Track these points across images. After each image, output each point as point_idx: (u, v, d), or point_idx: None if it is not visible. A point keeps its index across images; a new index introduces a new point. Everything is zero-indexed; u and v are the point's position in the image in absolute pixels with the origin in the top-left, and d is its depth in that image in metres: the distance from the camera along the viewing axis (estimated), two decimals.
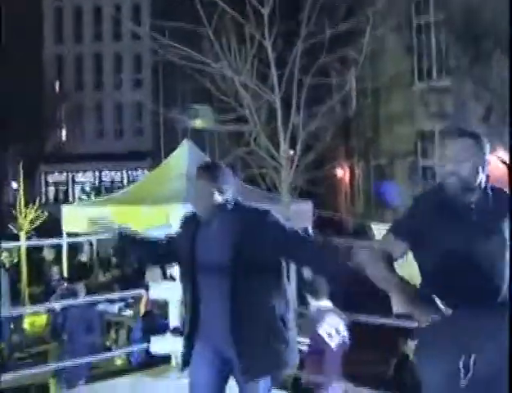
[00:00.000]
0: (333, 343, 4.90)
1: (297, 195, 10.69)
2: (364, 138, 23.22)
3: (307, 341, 5.79)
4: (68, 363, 7.17)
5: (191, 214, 3.59)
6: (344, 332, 5.04)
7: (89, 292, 13.45)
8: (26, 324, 11.93)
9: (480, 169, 2.87)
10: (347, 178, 28.43)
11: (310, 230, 3.13)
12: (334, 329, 4.90)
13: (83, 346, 7.72)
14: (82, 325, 7.92)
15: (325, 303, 5.13)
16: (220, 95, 11.01)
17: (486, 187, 2.92)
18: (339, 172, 28.89)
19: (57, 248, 16.42)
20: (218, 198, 3.39)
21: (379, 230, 7.49)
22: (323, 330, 4.82)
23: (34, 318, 11.86)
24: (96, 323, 8.42)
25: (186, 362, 3.48)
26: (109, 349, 10.38)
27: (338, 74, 12.78)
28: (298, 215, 10.58)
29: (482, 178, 2.89)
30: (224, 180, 3.43)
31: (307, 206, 12.74)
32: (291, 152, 10.52)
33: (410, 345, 7.50)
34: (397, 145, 18.81)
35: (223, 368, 3.39)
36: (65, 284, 9.02)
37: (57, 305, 8.38)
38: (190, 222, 3.54)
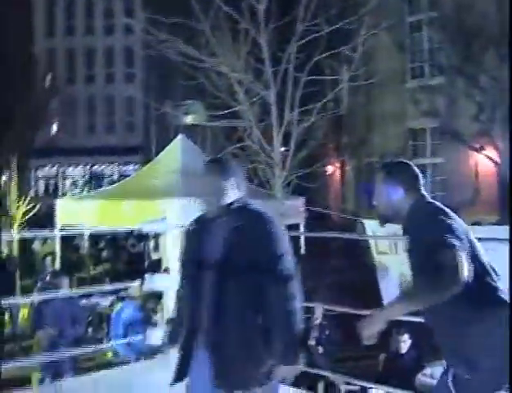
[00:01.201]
0: None
1: (290, 191, 10.77)
2: (356, 136, 23.31)
3: None
4: (49, 356, 7.22)
5: (195, 221, 3.49)
6: None
7: (80, 285, 13.57)
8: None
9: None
10: (338, 175, 28.54)
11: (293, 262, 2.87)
12: None
13: (67, 339, 7.72)
14: (65, 318, 7.90)
15: None
16: (214, 90, 11.07)
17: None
18: (331, 169, 29.01)
19: (50, 241, 16.48)
20: (231, 193, 3.31)
21: (370, 226, 7.56)
22: None
23: (24, 311, 11.90)
24: (81, 317, 8.36)
25: (181, 377, 3.32)
26: (100, 341, 10.42)
27: (332, 72, 12.86)
28: (290, 211, 10.67)
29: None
30: (235, 174, 3.37)
31: (299, 202, 12.86)
32: (283, 149, 10.59)
33: (400, 340, 7.62)
34: (388, 143, 18.90)
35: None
36: (47, 277, 8.97)
37: (36, 298, 8.40)
38: (195, 227, 3.44)
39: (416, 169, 3.13)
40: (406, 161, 3.18)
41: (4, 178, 34.35)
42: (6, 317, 11.54)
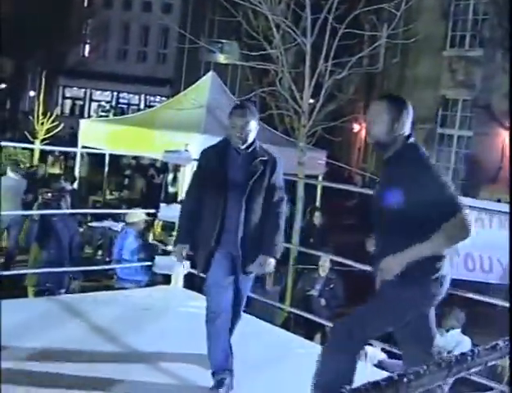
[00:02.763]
0: None
1: (313, 142, 10.72)
2: None
3: None
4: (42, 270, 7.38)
5: (217, 146, 4.29)
6: None
7: (94, 208, 13.71)
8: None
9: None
10: (362, 134, 28.35)
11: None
12: None
13: (61, 257, 7.81)
14: (61, 237, 7.99)
15: None
16: (250, 31, 10.94)
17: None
18: (356, 127, 28.82)
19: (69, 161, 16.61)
20: (254, 133, 4.17)
21: None
22: None
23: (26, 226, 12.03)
24: (76, 238, 8.42)
25: (207, 268, 4.19)
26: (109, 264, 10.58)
27: (371, 28, 12.64)
28: (310, 162, 10.66)
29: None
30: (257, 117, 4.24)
31: (320, 155, 12.83)
32: (311, 100, 10.50)
33: None
34: (418, 108, 18.61)
35: (231, 267, 4.18)
36: (49, 194, 9.00)
37: (35, 213, 8.49)
38: (219, 152, 4.24)
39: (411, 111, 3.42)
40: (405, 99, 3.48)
41: (32, 92, 34.60)
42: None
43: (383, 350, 5.11)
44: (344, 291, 9.18)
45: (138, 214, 8.67)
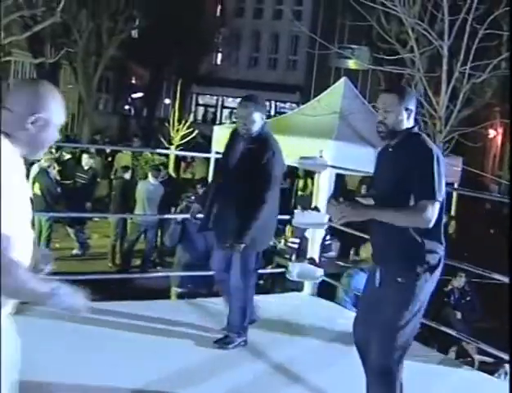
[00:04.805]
0: None
1: (450, 148, 10.37)
2: None
3: None
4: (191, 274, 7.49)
5: (232, 133, 4.91)
6: None
7: None
8: None
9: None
10: (498, 140, 27.19)
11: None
12: None
13: (198, 259, 7.91)
14: (196, 240, 8.07)
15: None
16: (384, 34, 10.76)
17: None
18: (492, 132, 27.68)
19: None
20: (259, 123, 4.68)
21: None
22: None
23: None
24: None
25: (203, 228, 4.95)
26: None
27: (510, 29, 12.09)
28: (447, 169, 10.30)
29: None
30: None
31: (456, 161, 12.36)
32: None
33: None
34: None
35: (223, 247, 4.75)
36: (192, 197, 9.25)
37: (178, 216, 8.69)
38: (231, 138, 4.87)
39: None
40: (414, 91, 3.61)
41: (167, 100, 35.90)
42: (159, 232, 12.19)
43: None
44: (482, 304, 8.80)
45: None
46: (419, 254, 3.38)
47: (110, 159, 18.02)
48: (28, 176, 11.53)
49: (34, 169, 11.31)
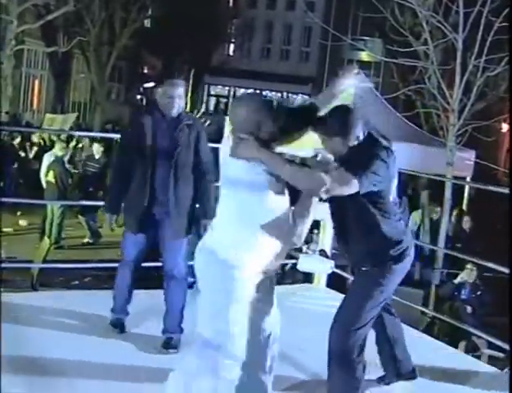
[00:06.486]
0: None
1: (463, 142, 10.31)
2: None
3: None
4: None
5: (144, 111, 4.62)
6: None
7: None
8: None
9: None
10: None
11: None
12: None
13: None
14: None
15: None
16: (397, 26, 10.70)
17: None
18: (505, 126, 27.48)
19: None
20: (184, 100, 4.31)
21: None
22: None
23: None
24: None
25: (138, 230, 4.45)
26: None
27: None
28: (459, 163, 10.26)
29: None
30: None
31: (469, 155, 12.31)
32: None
33: None
34: None
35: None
36: None
37: None
38: (146, 117, 4.34)
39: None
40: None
41: None
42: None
43: None
44: (493, 298, 8.76)
45: None
46: (382, 246, 3.50)
47: None
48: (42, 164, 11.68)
49: (48, 158, 11.35)
